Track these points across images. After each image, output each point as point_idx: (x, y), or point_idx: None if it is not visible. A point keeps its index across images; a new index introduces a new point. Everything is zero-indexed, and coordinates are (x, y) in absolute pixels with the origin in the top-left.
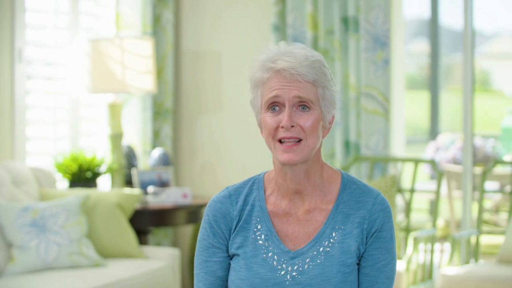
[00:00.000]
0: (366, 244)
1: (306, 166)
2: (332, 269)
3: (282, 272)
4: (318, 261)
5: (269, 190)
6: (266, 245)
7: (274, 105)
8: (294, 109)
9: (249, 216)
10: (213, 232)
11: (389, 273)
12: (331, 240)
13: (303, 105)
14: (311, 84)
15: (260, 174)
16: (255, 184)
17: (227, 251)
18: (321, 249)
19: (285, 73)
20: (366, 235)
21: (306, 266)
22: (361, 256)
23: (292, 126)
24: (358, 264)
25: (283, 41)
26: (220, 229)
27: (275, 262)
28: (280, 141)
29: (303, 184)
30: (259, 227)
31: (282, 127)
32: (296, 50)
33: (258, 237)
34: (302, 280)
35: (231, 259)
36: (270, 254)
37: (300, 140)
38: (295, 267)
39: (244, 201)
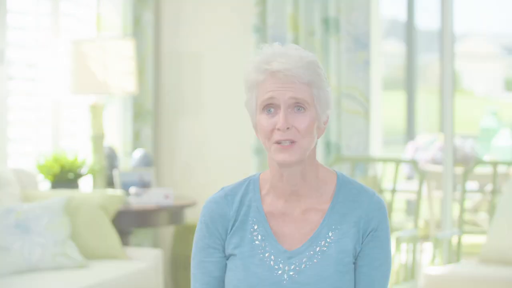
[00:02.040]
0: (362, 243)
1: (302, 167)
2: (328, 268)
3: (279, 272)
4: (315, 260)
5: (265, 191)
6: (263, 245)
7: (269, 107)
8: (289, 110)
9: (246, 217)
10: (209, 233)
11: (385, 272)
12: (328, 240)
13: (298, 106)
14: (306, 85)
15: (255, 175)
16: (250, 185)
17: (224, 252)
18: (318, 248)
19: (280, 75)
20: (362, 235)
21: (303, 266)
22: (358, 255)
23: (288, 128)
24: (354, 263)
25: (276, 42)
26: (217, 230)
27: (272, 262)
28: (276, 143)
29: (299, 185)
30: (255, 227)
31: (278, 129)
32: (290, 51)
33: (255, 238)
34: (299, 279)
35: (227, 259)
36: (267, 254)
37: (294, 142)
38: (292, 267)
39: (240, 202)
